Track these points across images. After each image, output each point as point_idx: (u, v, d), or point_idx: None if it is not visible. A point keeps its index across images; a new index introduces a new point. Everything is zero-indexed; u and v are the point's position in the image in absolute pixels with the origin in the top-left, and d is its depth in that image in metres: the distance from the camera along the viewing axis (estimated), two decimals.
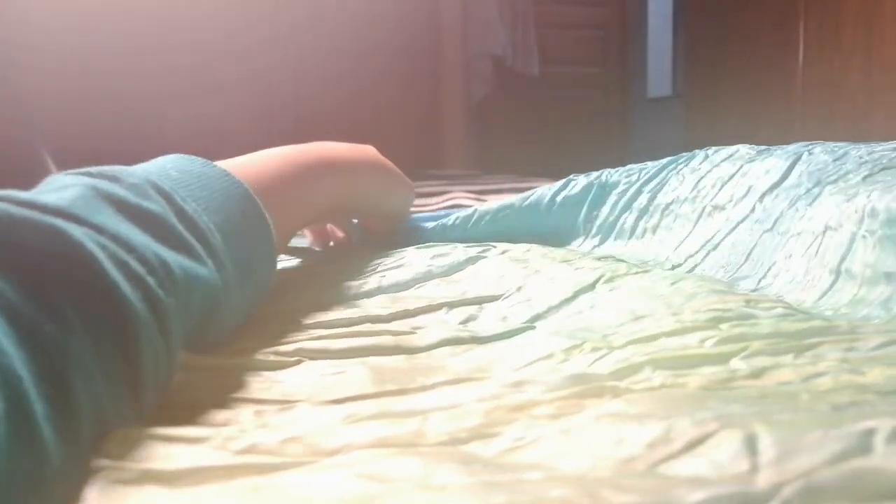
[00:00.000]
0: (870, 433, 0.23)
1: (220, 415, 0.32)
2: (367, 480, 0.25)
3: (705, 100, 2.93)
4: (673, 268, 0.60)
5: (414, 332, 0.43)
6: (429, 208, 1.48)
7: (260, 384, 0.37)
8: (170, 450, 0.28)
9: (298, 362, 0.40)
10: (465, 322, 0.45)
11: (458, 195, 1.61)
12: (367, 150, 0.63)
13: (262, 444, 0.29)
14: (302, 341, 0.43)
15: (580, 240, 0.72)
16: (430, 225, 0.73)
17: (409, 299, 0.51)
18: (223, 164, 0.48)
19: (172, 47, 2.31)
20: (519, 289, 0.49)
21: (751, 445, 0.24)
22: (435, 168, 2.58)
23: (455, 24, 2.79)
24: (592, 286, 0.47)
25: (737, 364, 0.33)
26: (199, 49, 2.35)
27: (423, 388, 0.36)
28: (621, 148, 3.30)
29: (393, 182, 0.64)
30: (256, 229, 0.43)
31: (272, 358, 0.41)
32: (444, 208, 1.47)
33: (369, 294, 0.53)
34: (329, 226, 0.71)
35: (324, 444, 0.29)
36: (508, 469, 0.25)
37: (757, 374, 0.32)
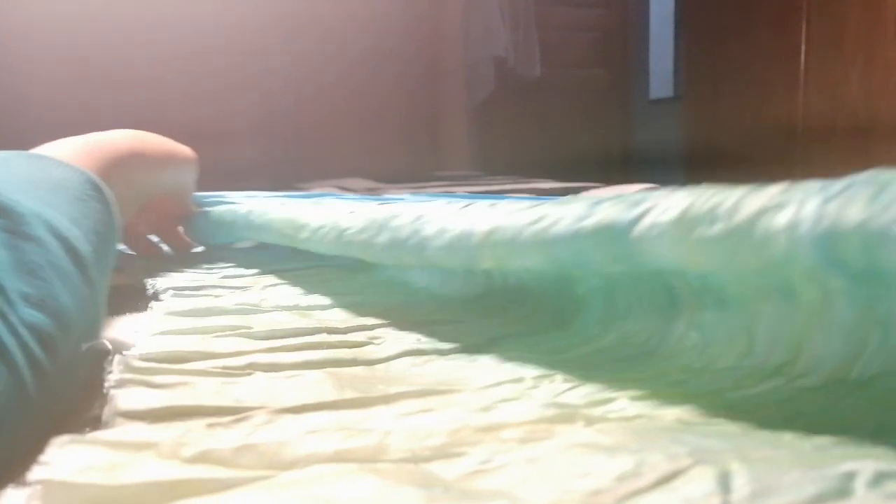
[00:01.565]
0: (850, 476, 0.22)
1: (170, 425, 0.31)
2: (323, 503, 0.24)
3: (707, 102, 2.93)
4: None
5: (373, 343, 0.43)
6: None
7: (212, 394, 0.36)
8: (114, 458, 0.26)
9: (250, 374, 0.39)
10: (426, 334, 0.44)
11: (460, 195, 1.62)
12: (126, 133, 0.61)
13: (214, 452, 0.28)
14: (254, 353, 0.42)
15: None
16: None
17: (366, 308, 0.50)
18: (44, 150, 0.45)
19: (173, 50, 2.31)
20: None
21: (724, 483, 0.23)
22: (436, 169, 2.58)
23: (456, 26, 2.80)
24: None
25: (719, 398, 0.32)
26: (199, 52, 2.35)
27: (386, 400, 0.35)
28: (623, 149, 3.30)
29: (164, 157, 0.66)
30: (108, 228, 0.42)
31: (221, 371, 0.39)
32: None
33: (323, 307, 0.52)
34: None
35: (281, 455, 0.28)
36: (471, 496, 0.25)
37: (738, 409, 0.31)
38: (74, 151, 0.51)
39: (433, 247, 0.44)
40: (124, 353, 0.40)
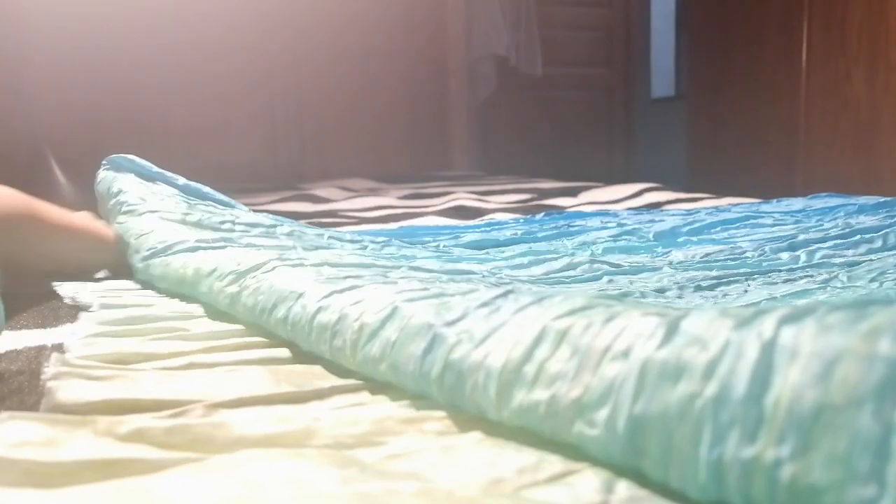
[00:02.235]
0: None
1: (107, 417, 0.31)
2: (245, 487, 0.25)
3: (709, 101, 2.92)
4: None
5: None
6: (433, 209, 1.48)
7: (150, 388, 0.36)
8: (51, 434, 0.27)
9: (189, 370, 0.40)
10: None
11: (462, 196, 1.61)
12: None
13: (148, 431, 0.28)
14: (193, 354, 0.43)
15: None
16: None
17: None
18: None
19: (176, 48, 2.32)
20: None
21: (609, 486, 0.26)
22: (439, 169, 2.58)
23: (459, 25, 2.80)
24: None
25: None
26: (202, 51, 2.35)
27: (320, 395, 0.37)
28: (625, 148, 3.30)
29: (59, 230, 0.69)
30: None
31: (160, 369, 0.40)
32: (448, 209, 1.47)
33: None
34: None
35: (213, 438, 0.29)
36: (384, 476, 0.27)
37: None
38: None
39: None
40: (62, 353, 0.40)
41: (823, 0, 2.45)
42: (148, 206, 0.75)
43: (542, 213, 1.26)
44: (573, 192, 1.70)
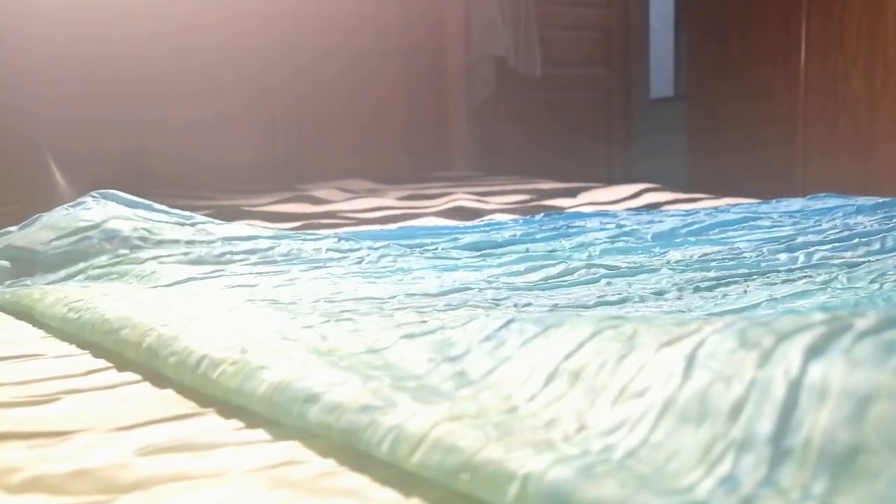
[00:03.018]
0: None
1: None
2: None
3: (707, 101, 2.92)
4: None
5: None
6: (432, 210, 1.48)
7: (24, 418, 0.33)
8: None
9: (57, 399, 0.37)
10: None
11: (461, 196, 1.61)
12: None
13: (45, 477, 0.26)
14: (68, 379, 0.40)
15: None
16: None
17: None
18: None
19: (175, 49, 2.31)
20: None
21: None
22: (438, 169, 2.58)
23: (458, 26, 2.79)
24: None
25: None
26: (201, 51, 2.35)
27: (224, 413, 0.35)
28: (623, 149, 3.30)
29: None
30: None
31: (27, 398, 0.37)
32: (448, 210, 1.47)
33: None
34: None
35: (118, 478, 0.27)
36: (319, 494, 0.26)
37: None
38: None
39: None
40: None
41: (822, 0, 2.45)
42: (147, 254, 0.74)
43: (542, 214, 1.26)
44: (572, 193, 1.70)
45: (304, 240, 0.84)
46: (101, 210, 0.82)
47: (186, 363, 0.39)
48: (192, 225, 0.84)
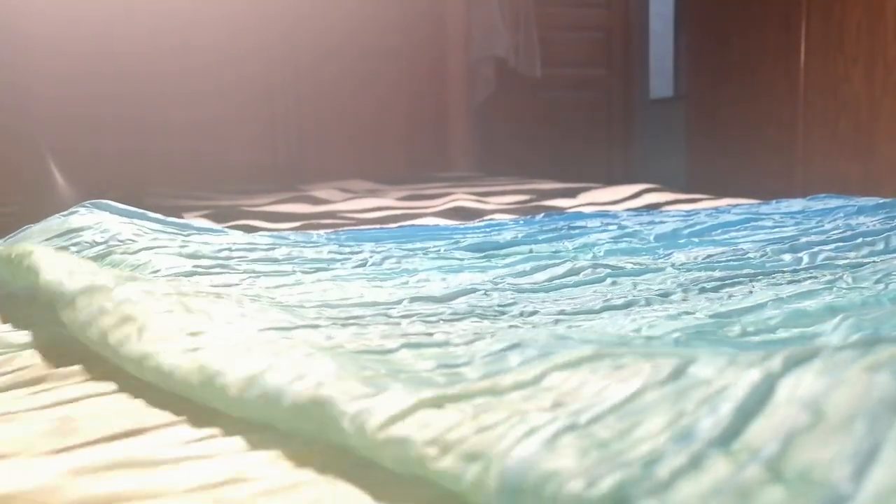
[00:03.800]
0: None
1: None
2: None
3: (707, 101, 2.92)
4: None
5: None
6: (432, 210, 1.48)
7: None
8: None
9: None
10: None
11: (461, 197, 1.61)
12: None
13: None
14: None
15: None
16: None
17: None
18: None
19: (175, 49, 2.31)
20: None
21: None
22: (438, 169, 2.58)
23: (458, 26, 2.79)
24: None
25: None
26: (202, 52, 2.34)
27: (164, 425, 0.34)
28: (623, 149, 3.30)
29: None
30: None
31: None
32: (448, 210, 1.47)
33: (22, 345, 0.50)
34: None
35: (51, 501, 0.26)
36: None
37: None
38: None
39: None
40: None
41: (822, 0, 2.45)
42: (140, 244, 0.73)
43: (542, 214, 1.26)
44: (572, 193, 1.70)
45: (303, 247, 0.83)
46: (93, 217, 0.81)
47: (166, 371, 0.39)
48: (188, 235, 0.84)
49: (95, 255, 0.72)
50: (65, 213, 0.85)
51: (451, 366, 0.37)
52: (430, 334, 0.41)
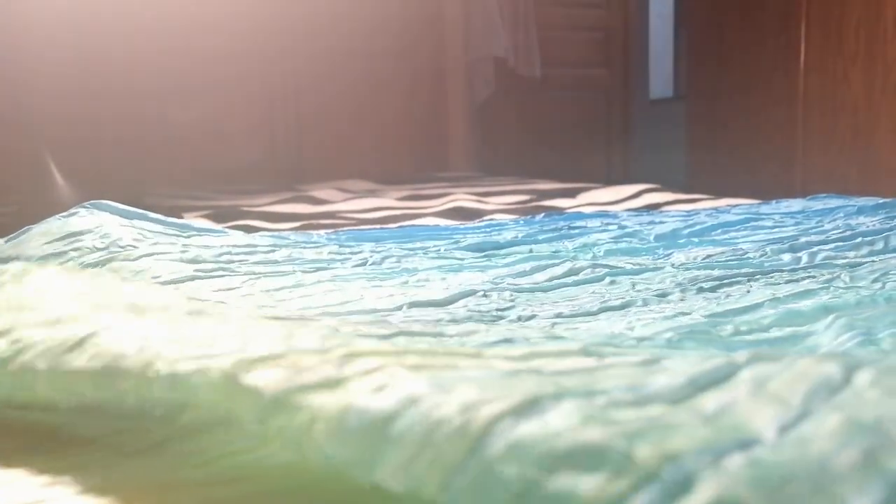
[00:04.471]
0: None
1: None
2: None
3: (707, 102, 2.93)
4: None
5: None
6: (431, 210, 1.48)
7: None
8: None
9: None
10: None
11: (461, 197, 1.61)
12: None
13: None
14: None
15: None
16: None
17: None
18: None
19: (174, 49, 2.31)
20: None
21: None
22: (438, 170, 2.58)
23: (457, 27, 2.79)
24: None
25: None
26: (200, 51, 2.34)
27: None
28: (623, 149, 3.30)
29: None
30: None
31: None
32: (447, 210, 1.47)
33: None
34: None
35: None
36: None
37: None
38: None
39: None
40: None
41: (821, 1, 2.45)
42: (141, 250, 0.74)
43: (542, 214, 1.26)
44: (572, 193, 1.70)
45: (303, 248, 0.83)
46: (94, 219, 0.81)
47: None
48: (188, 237, 0.84)
49: (96, 261, 0.72)
50: (65, 214, 0.85)
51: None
52: (427, 333, 0.41)
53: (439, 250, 0.88)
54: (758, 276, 0.70)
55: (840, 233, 0.93)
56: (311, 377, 0.30)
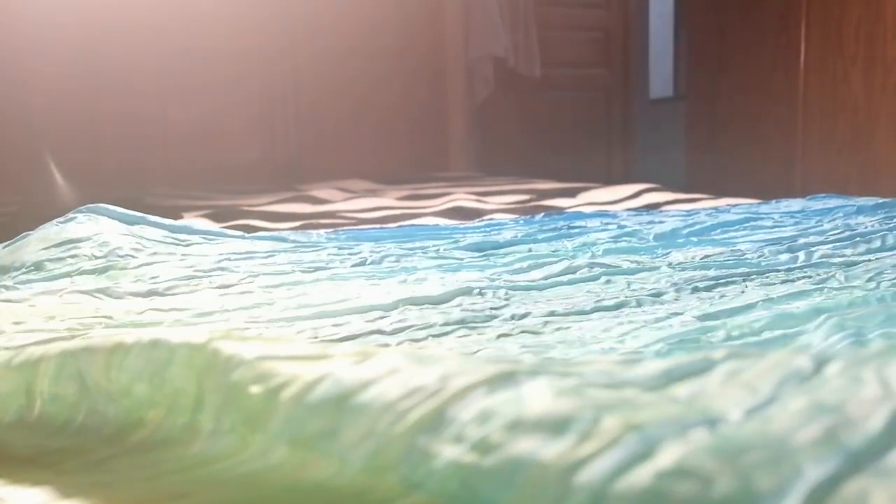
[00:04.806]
0: None
1: None
2: None
3: (707, 101, 2.93)
4: None
5: None
6: (431, 210, 1.48)
7: None
8: None
9: None
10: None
11: (461, 196, 1.62)
12: None
13: None
14: None
15: None
16: None
17: None
18: None
19: (174, 49, 2.31)
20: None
21: None
22: (437, 169, 2.58)
23: (457, 26, 2.79)
24: None
25: None
26: (200, 50, 2.35)
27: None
28: (623, 149, 3.30)
29: None
30: None
31: None
32: (447, 210, 1.47)
33: None
34: None
35: None
36: None
37: None
38: None
39: None
40: None
41: (821, 1, 2.45)
42: (140, 259, 0.74)
43: (542, 214, 1.26)
44: (572, 193, 1.70)
45: (303, 251, 0.84)
46: (92, 226, 0.81)
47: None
48: (187, 246, 0.84)
49: (93, 268, 0.72)
50: (62, 219, 0.85)
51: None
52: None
53: (438, 250, 0.88)
54: (753, 276, 0.71)
55: (839, 233, 0.93)
56: (288, 349, 0.30)
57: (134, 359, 0.34)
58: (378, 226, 1.24)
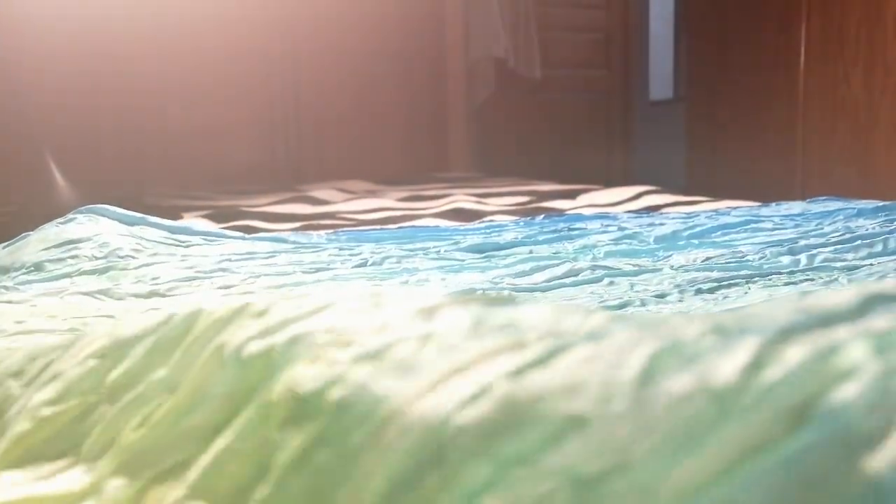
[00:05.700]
0: None
1: None
2: None
3: (707, 103, 2.93)
4: None
5: None
6: (431, 211, 1.48)
7: None
8: None
9: None
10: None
11: (461, 198, 1.61)
12: None
13: None
14: None
15: None
16: None
17: None
18: None
19: (175, 49, 2.31)
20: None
21: None
22: (438, 170, 2.58)
23: (457, 27, 2.79)
24: None
25: None
26: (201, 51, 2.35)
27: None
28: (623, 151, 3.30)
29: None
30: None
31: None
32: (447, 211, 1.47)
33: None
34: None
35: None
36: None
37: None
38: None
39: None
40: None
41: (821, 2, 2.45)
42: (140, 261, 0.74)
43: (542, 216, 1.26)
44: (572, 195, 1.70)
45: (303, 252, 0.84)
46: (92, 226, 0.81)
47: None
48: (187, 247, 0.84)
49: (94, 269, 0.72)
50: (62, 220, 0.85)
51: None
52: None
53: (439, 251, 0.88)
54: (756, 278, 0.71)
55: (839, 235, 0.93)
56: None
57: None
58: (378, 227, 1.24)
